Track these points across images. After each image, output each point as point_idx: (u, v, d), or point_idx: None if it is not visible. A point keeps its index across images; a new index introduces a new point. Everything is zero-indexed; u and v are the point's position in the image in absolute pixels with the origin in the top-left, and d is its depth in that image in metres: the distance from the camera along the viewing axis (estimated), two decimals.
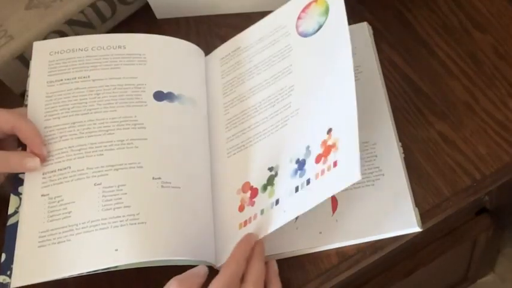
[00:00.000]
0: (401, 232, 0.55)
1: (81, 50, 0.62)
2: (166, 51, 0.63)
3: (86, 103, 0.59)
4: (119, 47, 0.62)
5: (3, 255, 0.52)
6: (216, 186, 0.59)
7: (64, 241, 0.52)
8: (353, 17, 0.67)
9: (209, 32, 0.70)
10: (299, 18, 0.61)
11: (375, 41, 0.65)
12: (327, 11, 0.58)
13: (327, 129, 0.53)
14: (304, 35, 0.60)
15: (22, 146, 0.57)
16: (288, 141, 0.56)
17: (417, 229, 0.55)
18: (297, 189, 0.53)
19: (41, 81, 0.60)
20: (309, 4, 0.61)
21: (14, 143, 0.58)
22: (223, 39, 0.69)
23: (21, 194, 0.55)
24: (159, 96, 0.60)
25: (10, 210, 0.54)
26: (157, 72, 0.62)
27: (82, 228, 0.52)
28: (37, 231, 0.53)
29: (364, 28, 0.65)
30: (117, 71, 0.61)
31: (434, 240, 0.80)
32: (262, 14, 0.70)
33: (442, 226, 0.59)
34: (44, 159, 0.55)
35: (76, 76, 0.60)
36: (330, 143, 0.52)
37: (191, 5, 0.70)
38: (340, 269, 0.55)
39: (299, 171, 0.54)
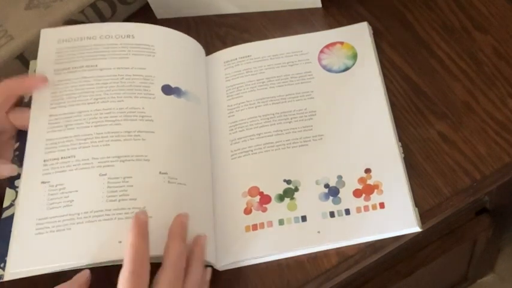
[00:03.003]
0: (401, 232, 0.55)
1: (90, 39, 0.61)
2: (174, 45, 0.63)
3: (93, 92, 0.58)
4: (128, 36, 0.61)
5: None
6: (217, 186, 0.59)
7: (63, 229, 0.51)
8: (353, 17, 0.67)
9: (209, 32, 0.70)
10: (322, 52, 0.65)
11: (375, 41, 0.65)
12: (354, 57, 0.63)
13: (364, 168, 0.57)
14: (328, 69, 0.63)
15: (20, 143, 0.57)
16: (311, 162, 0.59)
17: (417, 229, 0.55)
18: (332, 214, 0.56)
19: (48, 69, 0.59)
20: (334, 43, 0.65)
21: (11, 141, 0.58)
22: (223, 39, 0.69)
23: (17, 187, 0.54)
24: (167, 90, 0.59)
25: (5, 203, 0.54)
26: (165, 66, 0.61)
27: (84, 217, 0.51)
28: (35, 218, 0.52)
29: (364, 28, 0.66)
30: (126, 61, 0.60)
31: (434, 240, 0.80)
32: (262, 14, 0.70)
33: (442, 226, 0.59)
34: (44, 82, 0.56)
35: (83, 65, 0.59)
36: (370, 182, 0.57)
37: (191, 5, 0.70)
38: (340, 269, 0.55)
39: (332, 197, 0.57)
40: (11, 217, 0.53)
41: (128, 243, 0.48)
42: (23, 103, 0.59)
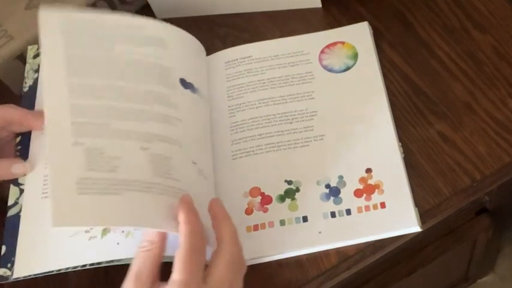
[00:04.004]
0: (401, 232, 0.55)
1: (99, 24, 0.57)
2: (183, 43, 0.63)
3: (115, 70, 0.54)
4: (140, 27, 0.59)
5: (4, 248, 0.52)
6: (219, 186, 0.59)
7: (113, 193, 0.47)
8: (353, 17, 0.67)
9: (209, 32, 0.70)
10: (323, 52, 0.65)
11: (375, 41, 0.65)
12: (355, 57, 0.63)
13: (365, 168, 0.57)
14: (329, 69, 0.63)
15: (21, 146, 0.57)
16: (312, 162, 0.59)
17: (417, 229, 0.55)
18: (333, 214, 0.56)
19: (56, 43, 0.55)
20: (335, 43, 0.65)
21: (11, 142, 0.58)
22: (223, 39, 0.69)
23: (21, 184, 0.54)
24: (184, 84, 0.59)
25: (10, 201, 0.54)
26: (179, 60, 0.60)
27: (135, 186, 0.48)
28: (74, 178, 0.47)
29: (364, 28, 0.65)
30: (142, 49, 0.57)
31: (434, 240, 0.80)
32: (262, 14, 0.70)
33: (442, 226, 0.59)
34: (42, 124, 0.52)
35: (100, 44, 0.56)
36: (371, 182, 0.57)
37: (191, 5, 0.70)
38: (340, 269, 0.55)
39: (333, 198, 0.57)
40: (17, 215, 0.53)
41: (182, 221, 0.47)
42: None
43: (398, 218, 0.55)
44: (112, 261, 0.51)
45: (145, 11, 0.71)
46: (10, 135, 0.58)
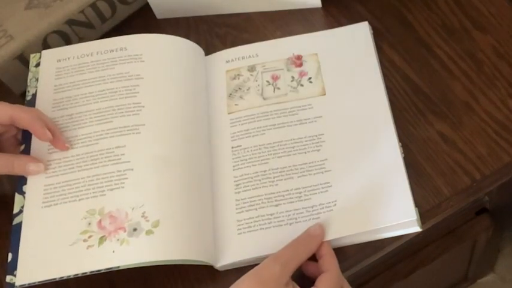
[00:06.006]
0: (401, 232, 0.55)
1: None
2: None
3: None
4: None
5: (10, 255, 0.52)
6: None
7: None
8: (353, 17, 0.67)
9: (209, 32, 0.70)
10: None
11: (375, 41, 0.65)
12: None
13: None
14: None
15: (25, 143, 0.57)
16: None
17: (417, 229, 0.55)
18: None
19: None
20: None
21: (12, 139, 0.58)
22: (223, 39, 0.69)
23: (24, 192, 0.55)
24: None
25: (15, 210, 0.54)
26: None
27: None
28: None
29: (364, 28, 0.65)
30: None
31: (434, 240, 0.80)
32: (262, 14, 0.70)
33: (442, 226, 0.59)
34: (47, 140, 0.56)
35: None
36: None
37: (191, 5, 0.70)
38: (340, 269, 0.55)
39: None
40: (21, 224, 0.53)
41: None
42: None
43: (398, 218, 0.55)
44: (110, 268, 0.51)
45: (146, 11, 0.71)
46: (13, 132, 0.58)
